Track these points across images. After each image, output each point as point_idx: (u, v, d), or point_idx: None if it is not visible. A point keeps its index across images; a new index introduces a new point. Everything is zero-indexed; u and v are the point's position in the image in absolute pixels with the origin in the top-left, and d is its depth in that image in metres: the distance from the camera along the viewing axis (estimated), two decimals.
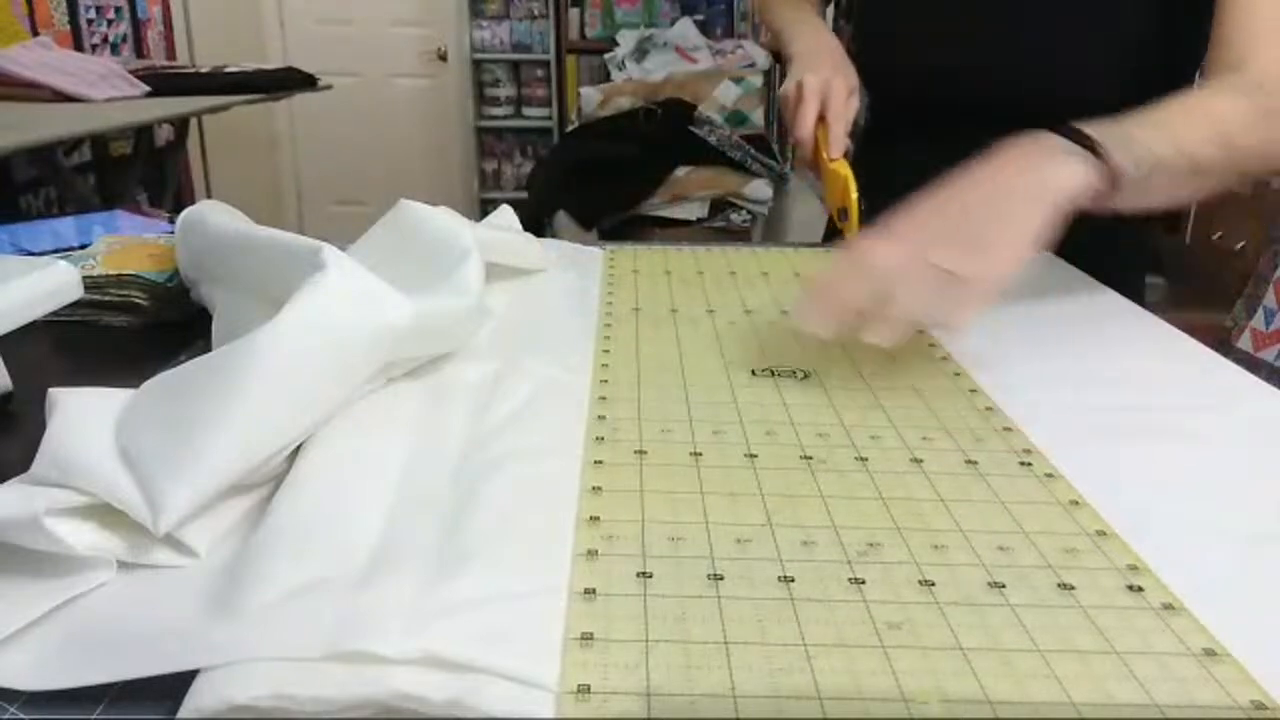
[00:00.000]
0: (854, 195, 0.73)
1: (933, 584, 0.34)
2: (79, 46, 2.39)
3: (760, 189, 2.73)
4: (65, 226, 0.77)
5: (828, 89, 0.76)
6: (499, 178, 3.73)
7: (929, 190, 0.52)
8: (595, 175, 2.69)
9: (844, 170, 0.74)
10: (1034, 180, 0.51)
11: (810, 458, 0.43)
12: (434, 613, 0.30)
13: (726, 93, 2.96)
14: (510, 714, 0.27)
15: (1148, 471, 0.43)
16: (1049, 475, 0.42)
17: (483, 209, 3.41)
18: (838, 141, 0.76)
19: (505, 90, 3.59)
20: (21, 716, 0.28)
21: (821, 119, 0.76)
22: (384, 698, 0.27)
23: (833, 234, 0.87)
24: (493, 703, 0.27)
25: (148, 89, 1.99)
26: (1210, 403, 0.51)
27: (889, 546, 0.36)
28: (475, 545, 0.34)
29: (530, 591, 0.32)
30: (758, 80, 3.07)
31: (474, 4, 3.49)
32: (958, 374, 0.53)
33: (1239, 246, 2.04)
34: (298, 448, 0.40)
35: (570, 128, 3.17)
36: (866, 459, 0.43)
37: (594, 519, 0.37)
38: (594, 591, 0.33)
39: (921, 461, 0.43)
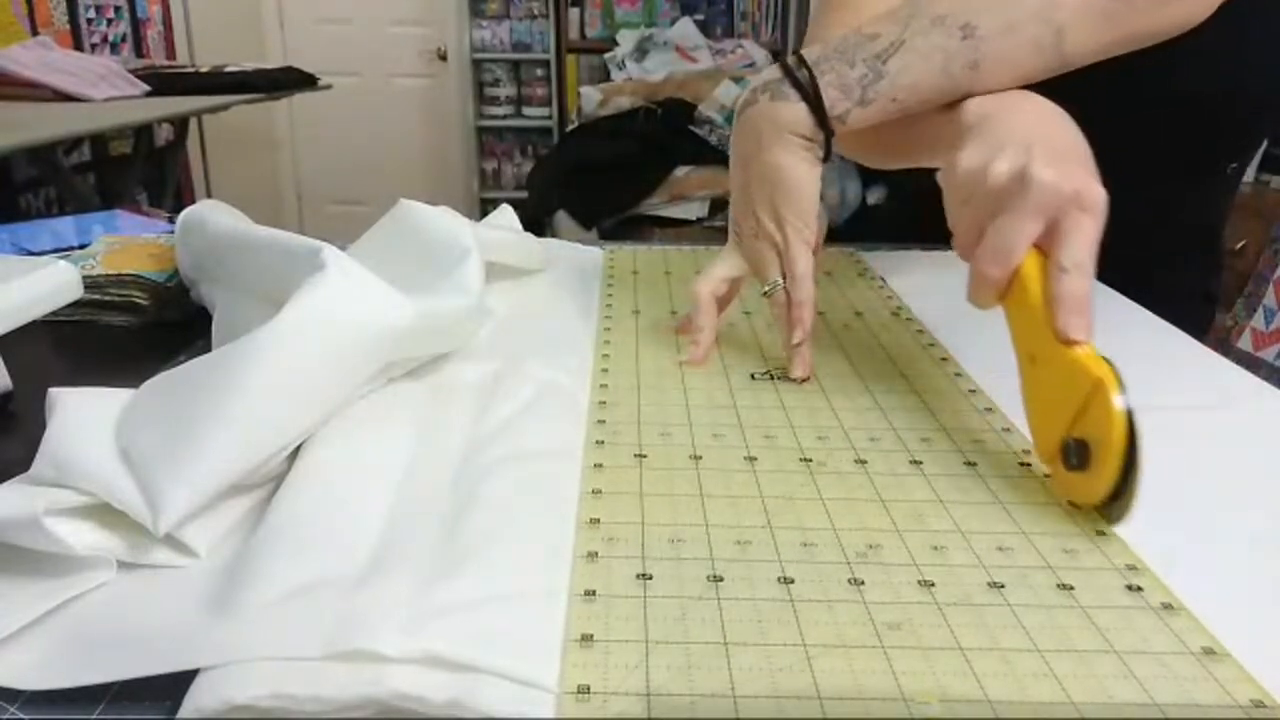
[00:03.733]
0: (1117, 410, 0.36)
1: (932, 584, 0.34)
2: (79, 46, 2.39)
3: None
4: (65, 226, 0.77)
5: (1061, 195, 0.40)
6: (499, 178, 3.73)
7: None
8: (595, 175, 2.70)
9: (1097, 366, 0.38)
10: (769, 128, 0.52)
11: (810, 460, 0.43)
12: (434, 613, 0.30)
13: (726, 92, 2.95)
14: (510, 714, 0.27)
15: (1147, 471, 0.43)
16: (1048, 475, 0.42)
17: (483, 209, 3.42)
18: (1076, 301, 0.39)
19: (505, 90, 3.59)
20: (21, 716, 0.28)
21: (1038, 249, 0.41)
22: (383, 697, 0.27)
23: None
24: (492, 703, 0.27)
25: (148, 89, 1.99)
26: (1210, 402, 0.51)
27: (888, 548, 0.36)
28: (475, 546, 0.34)
29: (530, 592, 0.32)
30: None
31: (474, 4, 3.49)
32: (958, 374, 0.53)
33: (1239, 246, 2.04)
34: (298, 448, 0.40)
35: (570, 128, 3.17)
36: (866, 461, 0.43)
37: (594, 521, 0.37)
38: (594, 593, 0.33)
39: (921, 463, 0.43)
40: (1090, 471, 0.38)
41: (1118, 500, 0.37)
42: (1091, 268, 0.40)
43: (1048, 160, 0.41)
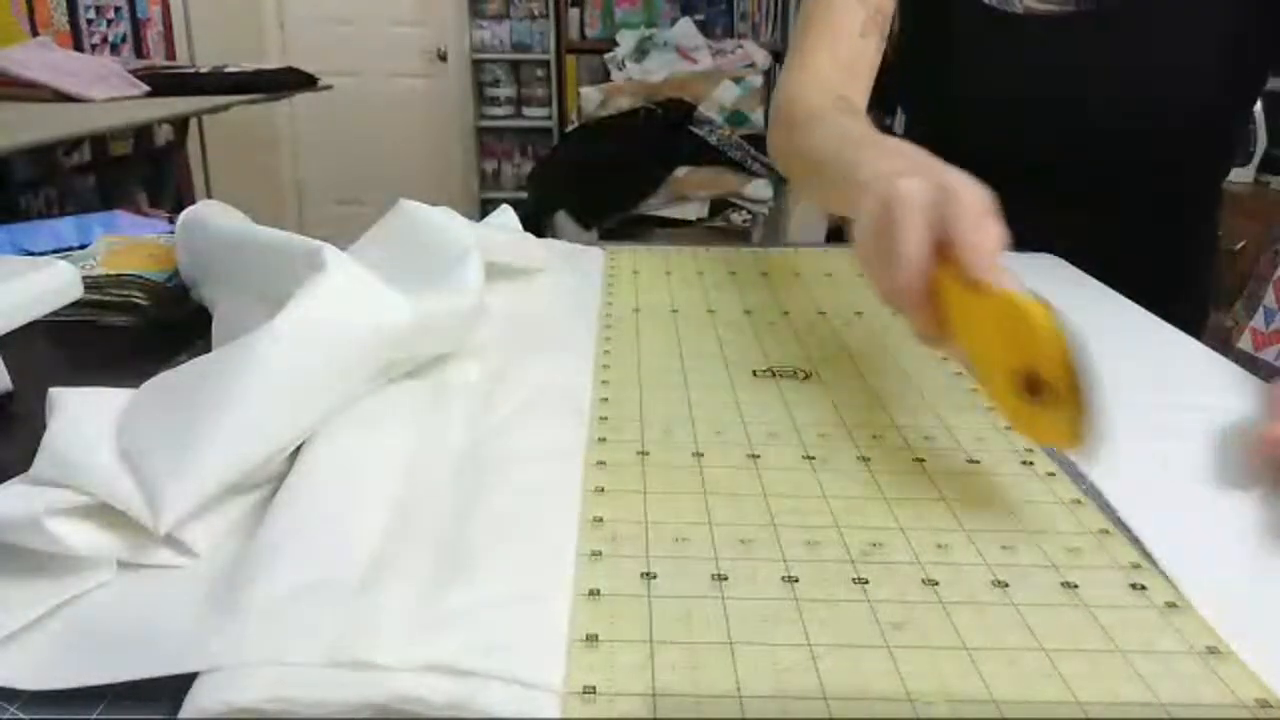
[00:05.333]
0: (1064, 344, 0.36)
1: (936, 583, 0.34)
2: (79, 46, 2.39)
3: (760, 189, 2.73)
4: (65, 226, 0.77)
5: (947, 197, 0.41)
6: (499, 178, 3.73)
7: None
8: (595, 175, 2.70)
9: (1024, 299, 0.38)
10: None
11: (812, 458, 0.43)
12: (437, 619, 0.30)
13: (726, 93, 2.96)
14: (514, 715, 0.27)
15: (1149, 470, 0.43)
16: (1050, 474, 0.42)
17: (483, 209, 3.42)
18: (985, 249, 0.39)
19: (505, 90, 3.59)
20: (21, 716, 0.28)
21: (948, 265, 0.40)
22: (385, 700, 0.27)
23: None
24: (496, 704, 0.27)
25: (148, 89, 1.99)
26: (1210, 402, 0.51)
27: (892, 546, 0.36)
28: (478, 547, 0.34)
29: (534, 593, 0.32)
30: (758, 80, 3.07)
31: (474, 4, 3.49)
32: (958, 373, 0.53)
33: (1239, 246, 2.04)
34: (298, 447, 0.40)
35: (570, 128, 3.17)
36: (869, 459, 0.43)
37: (597, 520, 0.37)
38: (598, 592, 0.32)
39: (924, 461, 0.43)
40: (1047, 401, 0.37)
41: (1078, 420, 0.36)
42: (996, 228, 0.40)
43: (908, 175, 0.42)
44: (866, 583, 0.33)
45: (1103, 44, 0.71)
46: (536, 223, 2.61)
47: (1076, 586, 0.34)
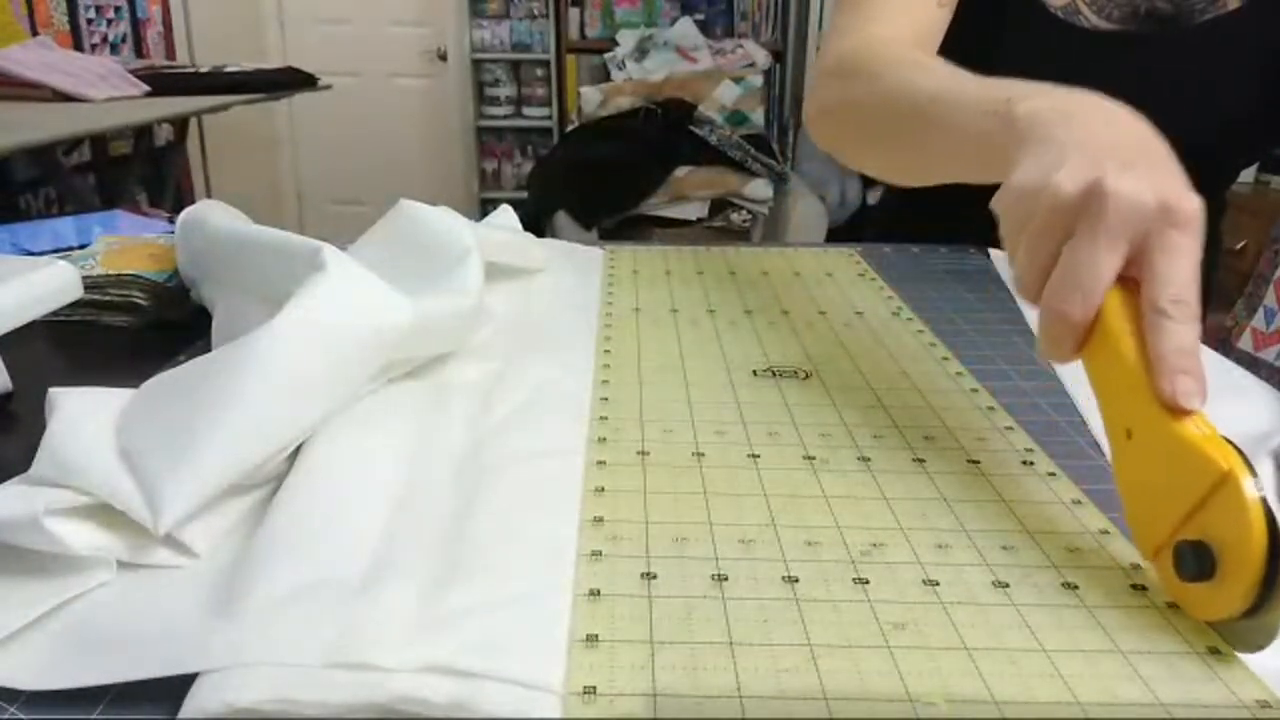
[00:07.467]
0: (1254, 508, 0.29)
1: (937, 584, 0.34)
2: (79, 46, 2.39)
3: (760, 189, 2.73)
4: (65, 226, 0.77)
5: (1146, 210, 0.33)
6: (499, 178, 3.73)
7: None
8: (595, 175, 2.70)
9: (1220, 450, 0.30)
10: None
11: (813, 458, 0.43)
12: (436, 620, 0.30)
13: (726, 93, 2.96)
14: (515, 715, 0.27)
15: None
16: (1051, 474, 0.42)
17: (483, 209, 3.42)
18: (1182, 355, 0.32)
19: (505, 90, 3.59)
20: (21, 716, 0.28)
21: (1128, 281, 0.34)
22: (386, 700, 0.27)
23: None
24: (497, 704, 0.27)
25: (148, 89, 1.99)
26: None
27: (892, 546, 0.36)
28: (478, 548, 0.34)
29: (534, 593, 0.32)
30: (758, 80, 3.08)
31: (474, 4, 3.49)
32: (959, 374, 0.53)
33: (1239, 246, 2.04)
34: (298, 448, 0.40)
35: (570, 128, 3.17)
36: (869, 459, 0.43)
37: (597, 520, 0.37)
38: (598, 592, 0.32)
39: (924, 461, 0.43)
40: (1218, 582, 0.30)
41: (1254, 617, 0.29)
42: (1196, 305, 0.32)
43: (1124, 168, 0.34)
44: (867, 583, 0.33)
45: (1153, 62, 0.71)
46: (536, 223, 2.61)
47: (1077, 587, 0.34)
